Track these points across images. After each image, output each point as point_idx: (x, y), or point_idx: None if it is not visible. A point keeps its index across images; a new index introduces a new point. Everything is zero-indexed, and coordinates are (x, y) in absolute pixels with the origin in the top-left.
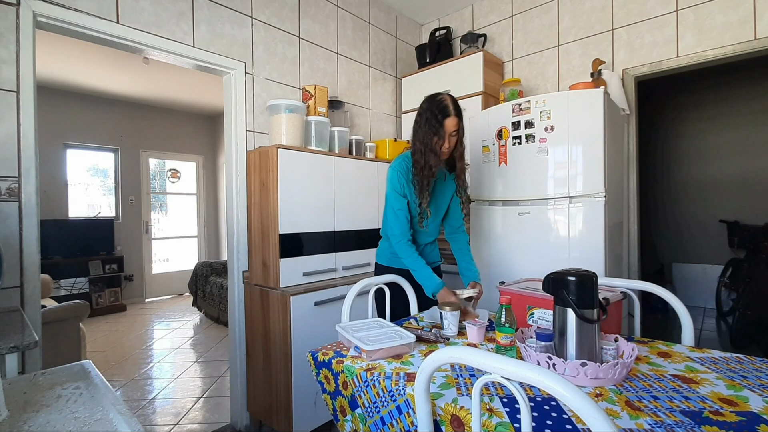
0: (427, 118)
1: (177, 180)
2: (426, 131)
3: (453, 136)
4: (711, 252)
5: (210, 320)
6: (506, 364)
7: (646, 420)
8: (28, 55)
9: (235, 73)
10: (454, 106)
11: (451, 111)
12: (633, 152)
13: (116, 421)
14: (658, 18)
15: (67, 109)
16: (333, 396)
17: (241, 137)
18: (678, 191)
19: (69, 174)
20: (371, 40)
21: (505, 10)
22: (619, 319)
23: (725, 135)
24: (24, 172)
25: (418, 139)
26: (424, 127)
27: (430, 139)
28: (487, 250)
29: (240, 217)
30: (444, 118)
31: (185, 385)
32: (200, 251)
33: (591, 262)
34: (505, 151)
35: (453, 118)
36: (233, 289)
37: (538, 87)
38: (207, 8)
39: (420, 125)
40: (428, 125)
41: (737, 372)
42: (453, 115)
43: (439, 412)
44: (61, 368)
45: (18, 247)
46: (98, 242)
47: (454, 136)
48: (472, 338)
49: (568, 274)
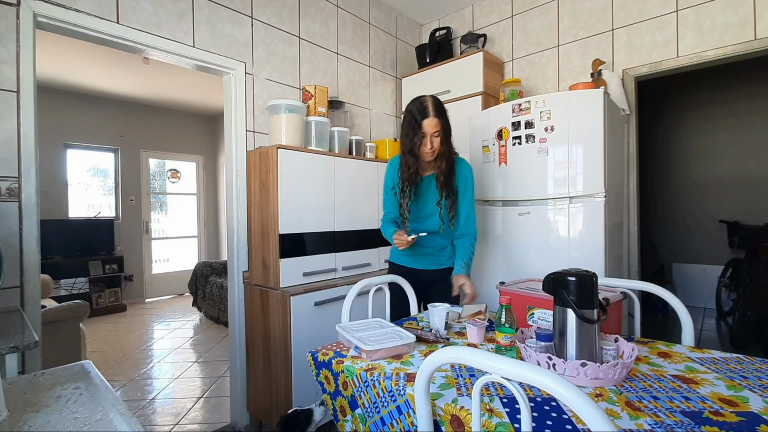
0: (408, 120)
1: (177, 180)
2: (406, 133)
3: (435, 137)
4: (711, 252)
5: (210, 320)
6: (506, 365)
7: (646, 420)
8: (28, 55)
9: (235, 73)
10: (435, 107)
11: (430, 112)
12: (633, 152)
13: (116, 421)
14: (658, 18)
15: (67, 109)
16: (333, 396)
17: (241, 137)
18: (678, 191)
19: (69, 174)
20: (371, 40)
21: (505, 10)
22: (619, 319)
23: (725, 135)
24: (24, 172)
25: (402, 141)
26: (405, 128)
27: (410, 140)
28: (487, 250)
29: (240, 217)
30: (422, 118)
31: (185, 385)
32: (200, 251)
33: (591, 262)
34: (505, 151)
35: (432, 118)
36: (233, 289)
37: (538, 87)
38: (207, 8)
39: (403, 128)
40: (409, 127)
41: (737, 372)
42: (432, 115)
43: (439, 412)
44: (61, 368)
45: (18, 247)
46: (98, 242)
47: (437, 136)
48: (472, 338)
49: (568, 274)
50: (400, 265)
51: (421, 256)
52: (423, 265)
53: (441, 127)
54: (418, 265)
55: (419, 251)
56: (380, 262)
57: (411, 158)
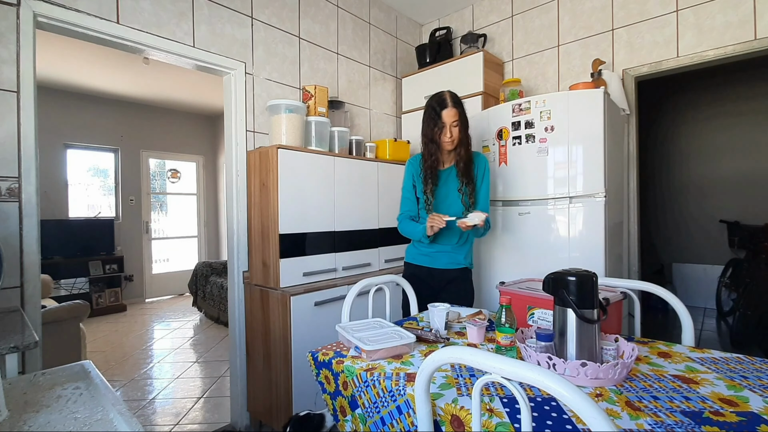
0: (428, 113)
1: (177, 180)
2: (428, 124)
3: (454, 126)
4: (711, 252)
5: (210, 320)
6: (506, 364)
7: (646, 420)
8: (28, 55)
9: (235, 73)
10: (452, 99)
11: (449, 103)
12: (633, 152)
13: (116, 421)
14: (658, 18)
15: (67, 109)
16: (333, 396)
17: (241, 137)
18: (678, 191)
19: (69, 174)
20: (371, 40)
21: (505, 10)
22: (619, 319)
23: (725, 135)
24: (24, 172)
25: (423, 133)
26: (426, 120)
27: (431, 130)
28: (487, 250)
29: (240, 217)
30: (441, 109)
31: (185, 385)
32: (200, 251)
33: (591, 262)
34: (505, 151)
35: (450, 108)
36: (233, 289)
37: (538, 87)
38: (207, 8)
39: (424, 121)
40: (429, 118)
41: (737, 372)
42: (450, 106)
43: (439, 412)
44: (61, 368)
45: (18, 247)
46: (98, 242)
47: (455, 125)
48: (472, 338)
49: (568, 274)
50: (417, 265)
51: (439, 254)
52: (440, 264)
53: (459, 116)
54: (436, 264)
55: (438, 248)
56: (380, 262)
57: (433, 146)
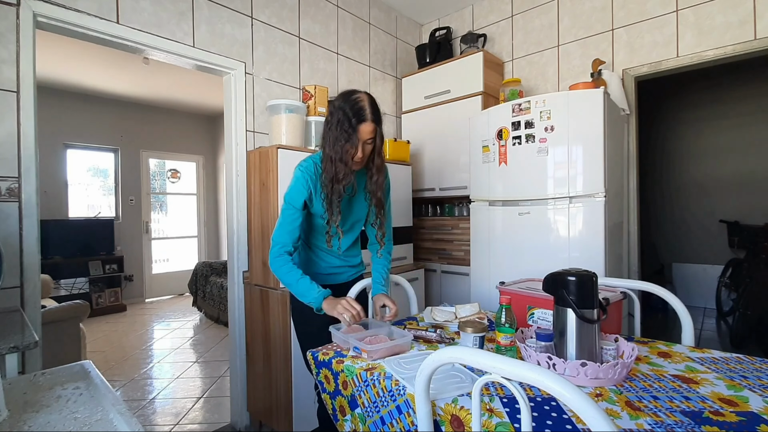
0: (339, 120)
1: (177, 180)
2: (337, 136)
3: (368, 144)
4: (711, 252)
5: (210, 320)
6: (506, 364)
7: (646, 420)
8: (28, 55)
9: (235, 73)
10: (372, 110)
11: (368, 115)
12: (633, 152)
13: (116, 421)
14: (658, 18)
15: (67, 109)
16: (333, 396)
17: (241, 137)
18: (678, 191)
19: (69, 174)
20: (371, 40)
21: (505, 10)
22: (619, 319)
23: (725, 135)
24: (24, 172)
25: (328, 144)
26: (335, 130)
27: (341, 146)
28: (487, 250)
29: (240, 217)
30: (358, 123)
31: (185, 385)
32: (200, 251)
33: (591, 262)
34: (505, 151)
35: (369, 123)
36: (233, 289)
37: (538, 87)
38: (207, 8)
39: (331, 127)
40: (340, 129)
41: (737, 372)
42: (369, 120)
43: (439, 412)
44: (61, 368)
45: (18, 247)
46: (98, 242)
47: (369, 144)
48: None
49: (568, 274)
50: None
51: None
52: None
53: (376, 134)
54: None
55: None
56: None
57: (342, 167)
